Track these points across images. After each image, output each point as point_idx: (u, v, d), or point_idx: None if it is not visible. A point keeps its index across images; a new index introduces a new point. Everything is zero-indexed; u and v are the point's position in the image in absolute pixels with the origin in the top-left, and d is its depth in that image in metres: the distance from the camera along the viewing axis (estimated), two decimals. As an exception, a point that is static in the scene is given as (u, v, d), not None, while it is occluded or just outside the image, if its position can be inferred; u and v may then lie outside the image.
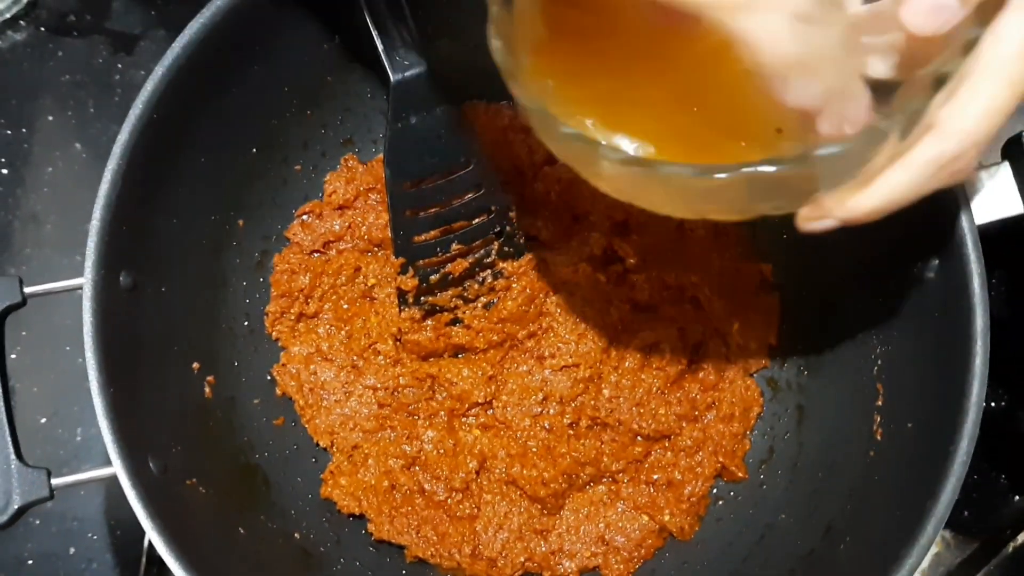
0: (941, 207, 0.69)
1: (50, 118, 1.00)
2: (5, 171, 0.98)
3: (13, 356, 0.94)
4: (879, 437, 0.75)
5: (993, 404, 0.94)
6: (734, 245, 0.89)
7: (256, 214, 0.85)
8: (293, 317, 0.85)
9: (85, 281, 0.67)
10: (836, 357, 0.83)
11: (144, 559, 0.88)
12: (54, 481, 0.67)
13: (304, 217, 0.87)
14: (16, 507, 0.65)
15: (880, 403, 0.77)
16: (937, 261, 0.71)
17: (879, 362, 0.78)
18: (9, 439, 0.66)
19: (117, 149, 0.69)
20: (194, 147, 0.76)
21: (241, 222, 0.84)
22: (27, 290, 0.69)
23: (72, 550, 0.91)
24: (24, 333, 0.94)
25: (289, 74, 0.82)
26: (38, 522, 0.90)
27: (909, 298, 0.74)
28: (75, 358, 0.94)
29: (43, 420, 0.93)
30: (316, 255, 0.87)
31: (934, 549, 0.88)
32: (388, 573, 0.81)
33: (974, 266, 0.68)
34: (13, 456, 0.66)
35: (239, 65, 0.77)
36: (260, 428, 0.83)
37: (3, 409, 0.67)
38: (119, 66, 1.02)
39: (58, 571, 0.90)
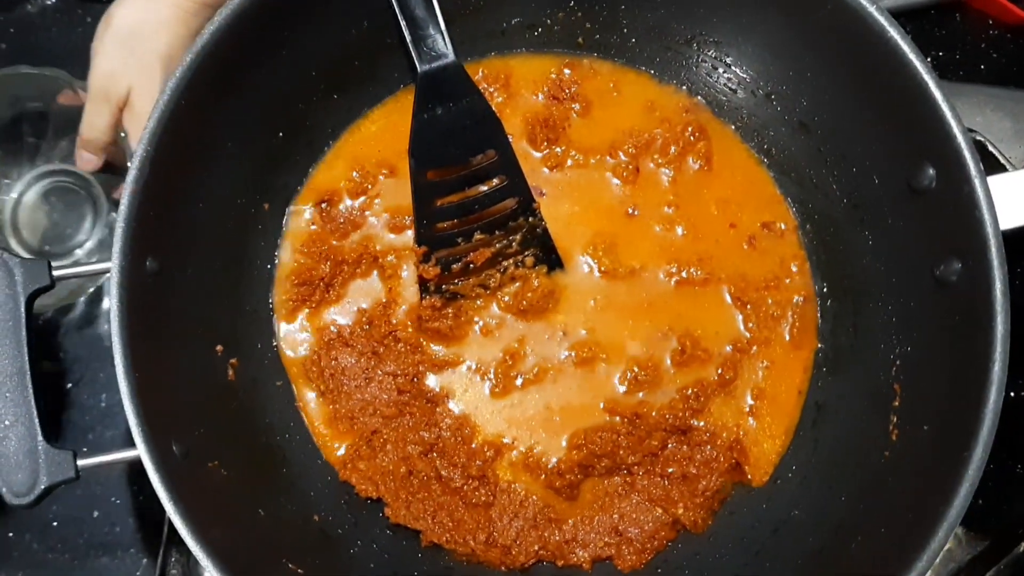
0: (966, 211, 0.69)
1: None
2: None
3: (39, 322, 0.95)
4: (894, 438, 0.76)
5: (1012, 394, 0.93)
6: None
7: (281, 198, 0.85)
8: (315, 303, 0.85)
9: (112, 266, 0.67)
10: (856, 356, 0.83)
11: (167, 524, 0.89)
12: (80, 462, 0.67)
13: (325, 204, 0.87)
14: (43, 487, 0.66)
15: (897, 404, 0.77)
16: (960, 265, 0.71)
17: (898, 363, 0.78)
18: (36, 421, 0.67)
19: (145, 135, 0.69)
20: (221, 132, 0.77)
21: (267, 205, 0.84)
22: (56, 273, 0.70)
23: (96, 513, 0.93)
24: (48, 300, 0.94)
25: (316, 59, 0.81)
26: (63, 486, 0.91)
27: (931, 301, 0.74)
28: (101, 325, 0.95)
29: (69, 386, 0.95)
30: (337, 242, 0.86)
31: (945, 545, 0.89)
32: (404, 557, 0.82)
33: (997, 272, 0.67)
34: (40, 437, 0.66)
35: (267, 50, 0.77)
36: (282, 410, 0.84)
37: (31, 391, 0.67)
38: (147, 32, 1.02)
39: (82, 533, 0.92)
